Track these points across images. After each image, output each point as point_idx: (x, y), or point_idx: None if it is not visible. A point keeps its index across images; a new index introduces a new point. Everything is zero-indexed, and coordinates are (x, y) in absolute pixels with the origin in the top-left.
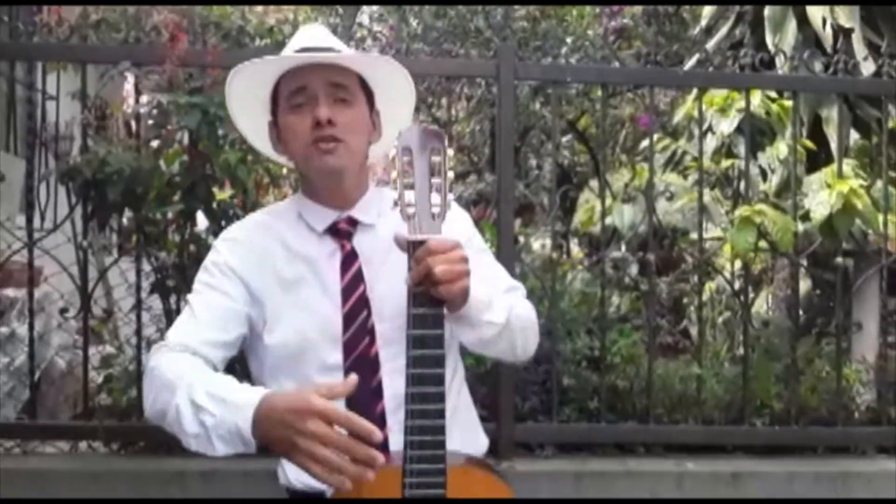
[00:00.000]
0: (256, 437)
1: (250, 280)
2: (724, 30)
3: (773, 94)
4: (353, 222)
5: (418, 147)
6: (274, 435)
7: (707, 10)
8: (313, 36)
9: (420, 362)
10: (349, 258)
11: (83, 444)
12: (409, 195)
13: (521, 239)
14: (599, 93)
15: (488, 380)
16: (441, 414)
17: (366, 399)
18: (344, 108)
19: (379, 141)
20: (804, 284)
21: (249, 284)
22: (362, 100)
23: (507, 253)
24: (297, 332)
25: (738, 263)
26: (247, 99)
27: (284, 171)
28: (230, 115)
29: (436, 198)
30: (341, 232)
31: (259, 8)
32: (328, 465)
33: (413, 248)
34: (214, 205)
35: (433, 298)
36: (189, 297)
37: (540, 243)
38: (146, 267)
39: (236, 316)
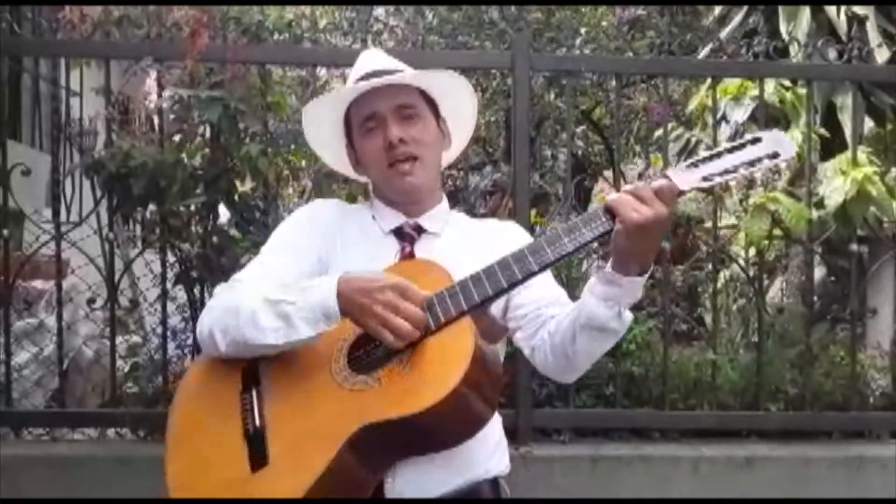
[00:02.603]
0: (342, 311)
1: (322, 251)
2: (737, 18)
3: (787, 83)
4: (420, 229)
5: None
6: (353, 303)
7: None
8: (374, 61)
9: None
10: (407, 260)
11: (111, 431)
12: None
13: (537, 228)
14: (613, 83)
15: (506, 367)
16: None
17: None
18: (413, 124)
19: (450, 148)
20: (818, 271)
21: (321, 255)
22: (428, 112)
23: None
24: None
25: (752, 251)
26: (320, 129)
27: (304, 163)
28: (310, 145)
29: (699, 173)
30: (406, 235)
31: None
32: (398, 332)
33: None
34: (236, 197)
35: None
36: (264, 249)
37: None
38: (170, 258)
39: (300, 276)
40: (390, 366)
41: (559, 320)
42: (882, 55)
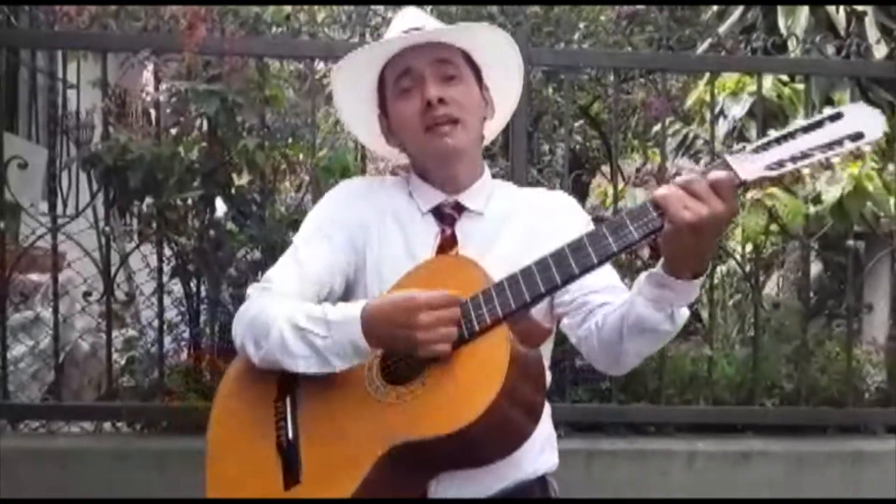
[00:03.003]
0: (371, 345)
1: (358, 240)
2: (736, 14)
3: (785, 78)
4: (460, 208)
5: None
6: (388, 336)
7: None
8: (410, 18)
9: None
10: (448, 243)
11: (107, 425)
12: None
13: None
14: (612, 78)
15: None
16: None
17: None
18: (453, 85)
19: (493, 118)
20: (815, 267)
21: (356, 244)
22: (471, 75)
23: None
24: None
25: (748, 246)
26: (351, 95)
27: (302, 156)
28: (339, 115)
29: (766, 159)
30: (445, 215)
31: None
32: (448, 340)
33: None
34: (233, 190)
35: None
36: (297, 239)
37: None
38: (167, 251)
39: (337, 273)
40: (425, 377)
41: (607, 313)
42: (880, 51)
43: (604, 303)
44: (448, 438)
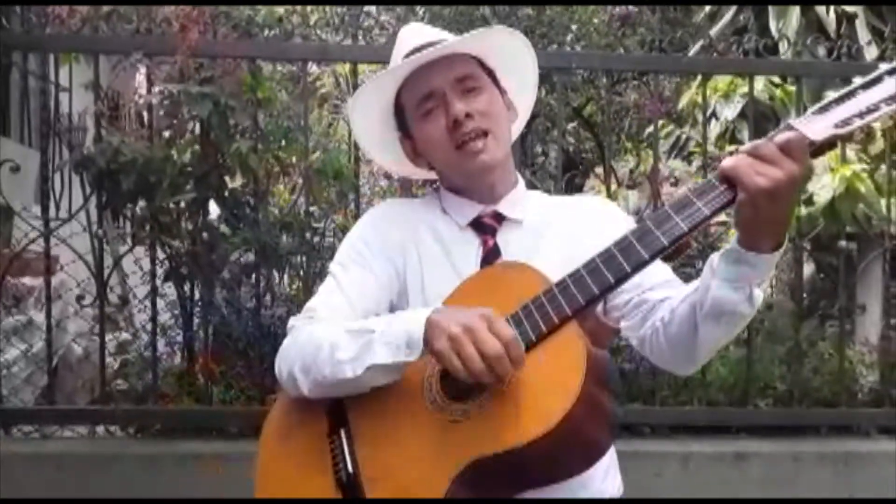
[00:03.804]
0: (428, 342)
1: (398, 262)
2: (727, 16)
3: (777, 80)
4: (499, 217)
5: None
6: (439, 327)
7: None
8: (419, 35)
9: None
10: (491, 255)
11: (100, 428)
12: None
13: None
14: (604, 80)
15: None
16: None
17: None
18: (476, 96)
19: (517, 120)
20: (807, 268)
21: (397, 267)
22: (489, 82)
23: None
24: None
25: None
26: (369, 121)
27: (295, 159)
28: (359, 144)
29: (832, 118)
30: (486, 227)
31: None
32: (468, 364)
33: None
34: (226, 193)
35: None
36: (334, 267)
37: None
38: (160, 255)
39: (382, 298)
40: (491, 388)
41: (673, 307)
42: (871, 53)
43: (664, 298)
44: (523, 450)
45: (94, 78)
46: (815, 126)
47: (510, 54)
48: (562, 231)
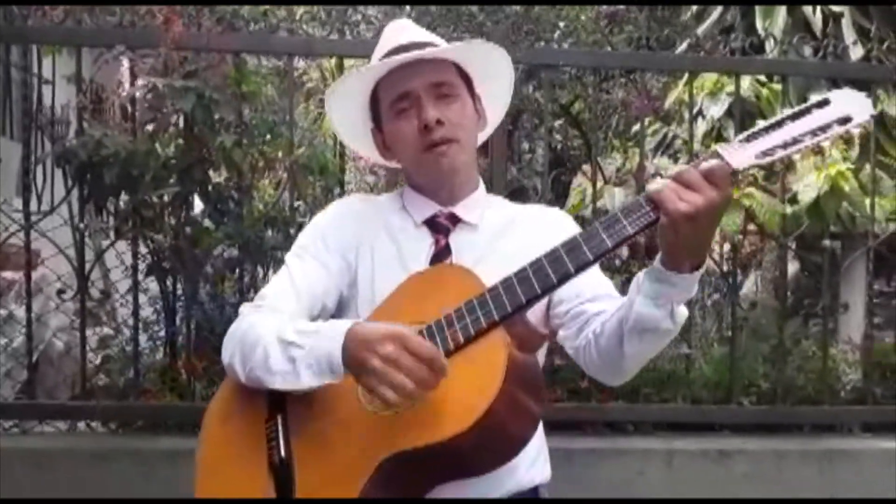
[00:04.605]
0: (346, 365)
1: (350, 254)
2: (714, 14)
3: (763, 79)
4: (455, 219)
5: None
6: (355, 358)
7: None
8: (405, 33)
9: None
10: (442, 254)
11: (81, 424)
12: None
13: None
14: (592, 77)
15: None
16: None
17: None
18: (449, 104)
19: (485, 128)
20: (792, 266)
21: (349, 259)
22: (464, 89)
23: None
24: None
25: (726, 246)
26: (345, 109)
27: (280, 154)
28: (334, 130)
29: (756, 147)
30: (440, 226)
31: None
32: (399, 391)
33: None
34: (210, 188)
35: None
36: (289, 258)
37: None
38: (142, 249)
39: (331, 290)
40: None
41: (604, 320)
42: (857, 52)
43: (600, 311)
44: (442, 446)
45: (76, 70)
46: (740, 155)
47: (490, 64)
48: (517, 240)
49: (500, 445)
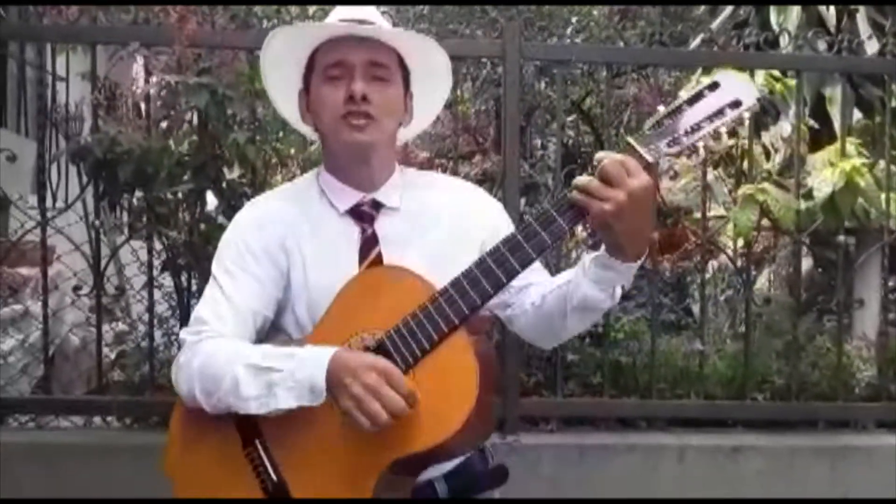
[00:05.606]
0: (327, 388)
1: (281, 260)
2: (728, 9)
3: (777, 74)
4: (377, 205)
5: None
6: (337, 381)
7: None
8: (360, 10)
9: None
10: (369, 243)
11: (97, 419)
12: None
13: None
14: (604, 73)
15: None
16: None
17: None
18: (380, 87)
19: (409, 125)
20: (806, 262)
21: (281, 266)
22: (399, 80)
23: None
24: (311, 313)
25: (740, 241)
26: (281, 65)
27: (293, 151)
28: (262, 77)
29: (663, 136)
30: (364, 215)
31: None
32: (374, 419)
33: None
34: (224, 184)
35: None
36: (218, 273)
37: None
38: (157, 245)
39: (269, 301)
40: None
41: (543, 293)
42: (872, 47)
43: (528, 284)
44: (435, 448)
45: (91, 68)
46: (650, 147)
47: (431, 64)
48: (443, 227)
49: (476, 435)
